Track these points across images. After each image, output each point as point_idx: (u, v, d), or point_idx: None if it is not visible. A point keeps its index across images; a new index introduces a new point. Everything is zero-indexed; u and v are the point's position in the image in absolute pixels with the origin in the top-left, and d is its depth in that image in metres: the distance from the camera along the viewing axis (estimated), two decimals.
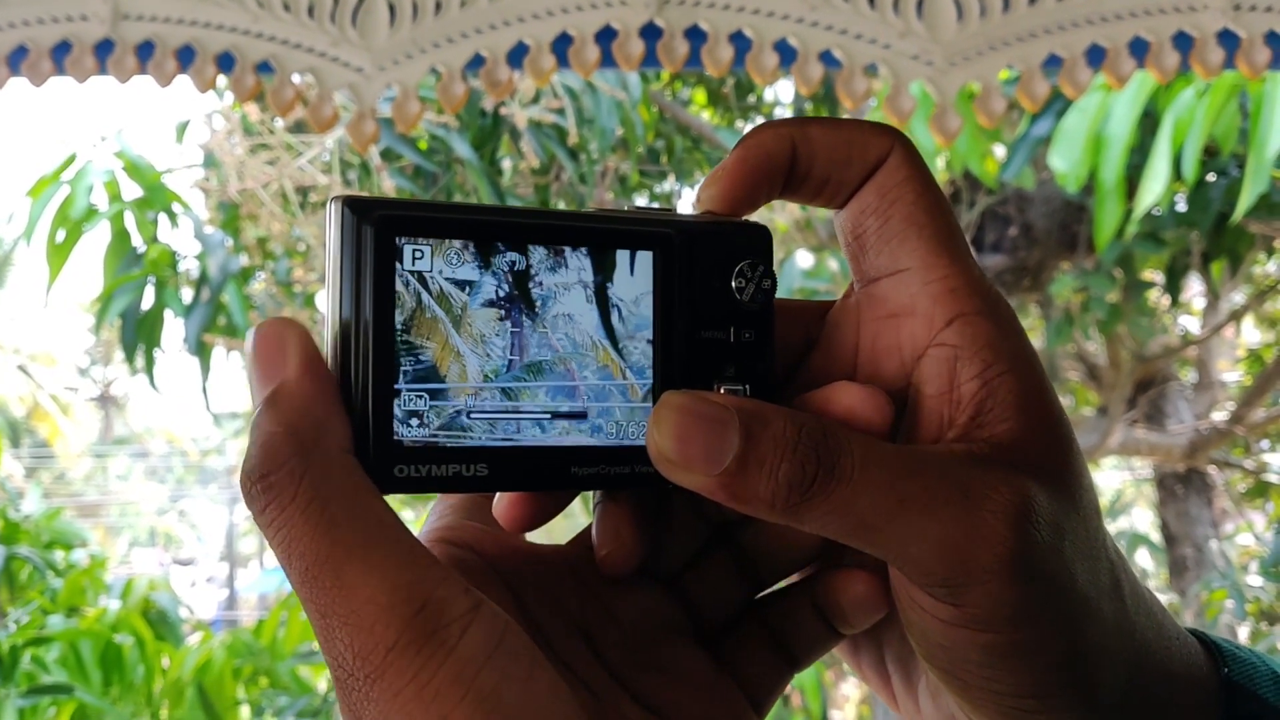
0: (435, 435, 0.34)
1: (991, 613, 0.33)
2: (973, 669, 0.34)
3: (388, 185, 2.98)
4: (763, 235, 0.39)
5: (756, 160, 0.37)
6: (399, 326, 0.33)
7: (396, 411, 0.33)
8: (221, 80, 1.52)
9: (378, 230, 0.33)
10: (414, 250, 0.34)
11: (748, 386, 0.38)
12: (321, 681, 4.07)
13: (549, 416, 0.36)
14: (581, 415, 0.36)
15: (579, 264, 0.36)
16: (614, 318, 0.37)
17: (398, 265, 0.33)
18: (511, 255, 0.35)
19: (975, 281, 0.37)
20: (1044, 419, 0.35)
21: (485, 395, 0.35)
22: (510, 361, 0.35)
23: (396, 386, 0.33)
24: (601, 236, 0.37)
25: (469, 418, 0.34)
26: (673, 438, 0.33)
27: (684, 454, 0.33)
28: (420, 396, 0.34)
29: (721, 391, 0.37)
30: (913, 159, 0.38)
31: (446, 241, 0.34)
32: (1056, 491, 0.34)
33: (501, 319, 0.35)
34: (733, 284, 0.38)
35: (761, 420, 0.33)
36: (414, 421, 0.34)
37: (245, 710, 3.92)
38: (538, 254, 0.36)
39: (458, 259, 0.34)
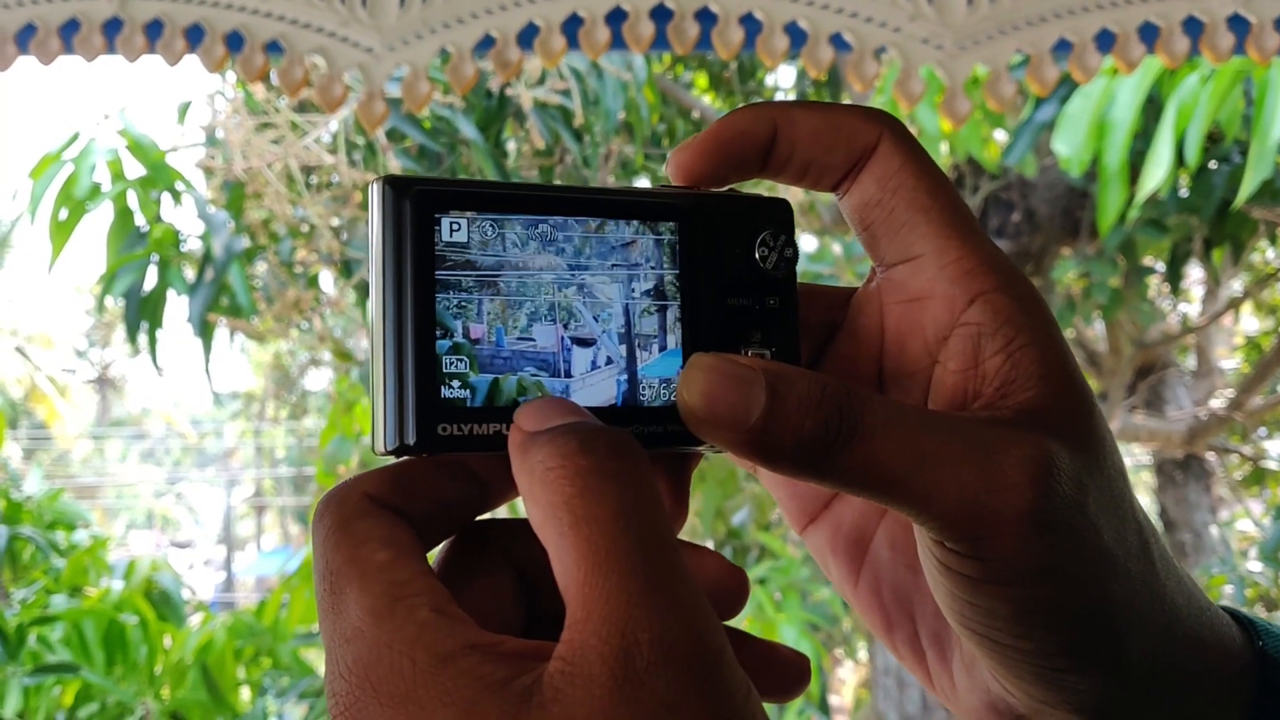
0: (477, 395, 0.35)
1: (1015, 565, 0.34)
2: (1002, 628, 0.35)
3: (393, 165, 2.97)
4: (783, 207, 0.40)
5: (729, 137, 0.38)
6: (439, 293, 0.35)
7: (440, 373, 0.35)
8: (230, 60, 1.52)
9: (416, 204, 0.35)
10: (451, 223, 0.36)
11: (773, 350, 0.39)
12: (322, 663, 4.07)
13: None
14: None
15: (608, 234, 0.38)
16: (643, 285, 0.38)
17: (436, 236, 0.35)
18: (544, 226, 0.37)
19: (990, 259, 0.37)
20: (1066, 385, 0.36)
21: (523, 358, 0.36)
22: (545, 326, 0.37)
23: (439, 350, 0.35)
24: (628, 208, 0.38)
25: (508, 379, 0.36)
26: (702, 396, 0.34)
27: (712, 412, 0.34)
28: (462, 359, 0.35)
29: (748, 355, 0.38)
30: (906, 143, 0.38)
31: (481, 214, 0.36)
32: (1078, 450, 0.35)
33: (535, 286, 0.37)
34: (756, 253, 0.39)
35: (786, 379, 0.34)
36: (455, 383, 0.35)
37: (246, 691, 3.94)
38: (568, 225, 0.37)
39: (493, 230, 0.36)
